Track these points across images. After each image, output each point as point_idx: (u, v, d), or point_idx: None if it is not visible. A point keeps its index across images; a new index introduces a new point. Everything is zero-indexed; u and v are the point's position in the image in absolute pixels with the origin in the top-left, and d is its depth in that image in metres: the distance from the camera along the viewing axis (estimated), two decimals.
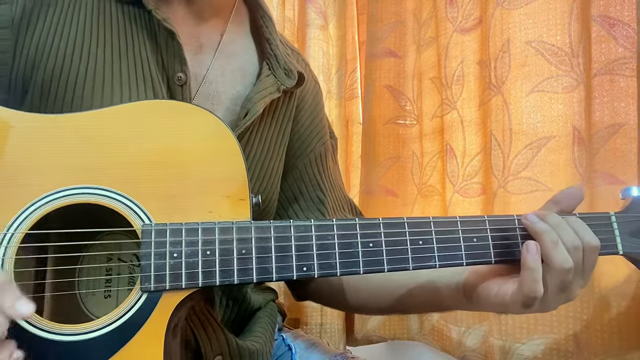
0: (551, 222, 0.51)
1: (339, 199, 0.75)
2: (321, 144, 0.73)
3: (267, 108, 0.64)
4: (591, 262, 0.51)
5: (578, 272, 0.50)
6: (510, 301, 0.50)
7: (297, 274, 0.47)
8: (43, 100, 0.54)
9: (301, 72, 0.66)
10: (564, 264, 0.48)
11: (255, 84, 0.63)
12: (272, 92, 0.63)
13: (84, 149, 0.47)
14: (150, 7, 0.56)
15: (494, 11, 0.86)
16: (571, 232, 0.50)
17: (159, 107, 0.50)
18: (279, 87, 0.63)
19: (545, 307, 0.51)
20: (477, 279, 0.55)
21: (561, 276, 0.49)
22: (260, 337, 0.64)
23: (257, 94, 0.61)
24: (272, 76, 0.64)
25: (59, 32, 0.55)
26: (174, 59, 0.57)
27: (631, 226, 0.56)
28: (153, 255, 0.45)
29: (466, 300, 0.57)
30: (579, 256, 0.50)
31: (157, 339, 0.44)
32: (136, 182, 0.47)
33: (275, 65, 0.65)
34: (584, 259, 0.50)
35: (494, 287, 0.53)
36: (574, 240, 0.50)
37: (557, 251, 0.49)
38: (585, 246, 0.50)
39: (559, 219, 0.51)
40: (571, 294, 0.51)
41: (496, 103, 0.86)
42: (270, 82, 0.63)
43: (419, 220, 0.52)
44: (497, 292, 0.52)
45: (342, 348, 1.11)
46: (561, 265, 0.48)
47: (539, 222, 0.51)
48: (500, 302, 0.52)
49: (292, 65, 0.66)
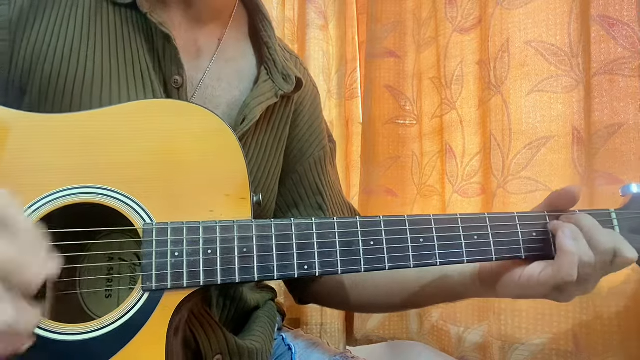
0: (584, 222, 0.52)
1: (338, 204, 0.75)
2: (320, 149, 0.73)
3: (264, 113, 0.63)
4: (620, 268, 0.53)
5: (600, 269, 0.52)
6: (540, 283, 0.51)
7: (298, 272, 0.47)
8: (41, 102, 0.54)
9: (299, 78, 0.66)
10: (585, 258, 0.50)
11: (253, 90, 0.63)
12: (270, 98, 0.63)
13: (85, 148, 0.47)
14: (145, 11, 0.56)
15: (494, 11, 0.86)
16: (606, 233, 0.52)
17: (160, 106, 0.50)
18: (276, 93, 0.63)
19: (564, 297, 0.53)
20: (494, 266, 0.56)
21: (583, 270, 0.50)
22: (259, 337, 0.64)
23: (254, 99, 0.61)
24: (270, 81, 0.64)
25: (55, 34, 0.55)
26: (170, 62, 0.57)
27: (631, 223, 0.56)
28: (154, 255, 0.45)
29: (482, 286, 0.58)
30: (609, 259, 0.51)
31: (159, 338, 0.44)
32: (137, 182, 0.47)
33: (273, 70, 0.64)
34: (614, 263, 0.52)
35: (517, 270, 0.54)
36: (609, 242, 0.51)
37: (578, 245, 0.50)
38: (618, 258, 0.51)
39: (592, 220, 0.52)
40: (590, 286, 0.52)
41: (496, 103, 0.86)
42: (267, 88, 0.63)
43: (419, 218, 0.52)
44: (522, 274, 0.53)
45: (342, 348, 1.11)
46: (583, 260, 0.50)
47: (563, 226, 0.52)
48: (525, 285, 0.52)
49: (290, 70, 0.65)
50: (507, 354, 0.82)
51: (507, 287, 0.55)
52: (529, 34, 0.83)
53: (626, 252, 0.51)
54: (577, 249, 0.50)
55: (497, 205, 0.85)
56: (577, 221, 0.52)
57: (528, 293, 0.54)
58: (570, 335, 0.78)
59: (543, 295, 0.53)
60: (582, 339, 0.76)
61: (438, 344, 0.99)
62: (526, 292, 0.54)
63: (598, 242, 0.50)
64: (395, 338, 1.09)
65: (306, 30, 1.21)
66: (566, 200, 0.55)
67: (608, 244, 0.51)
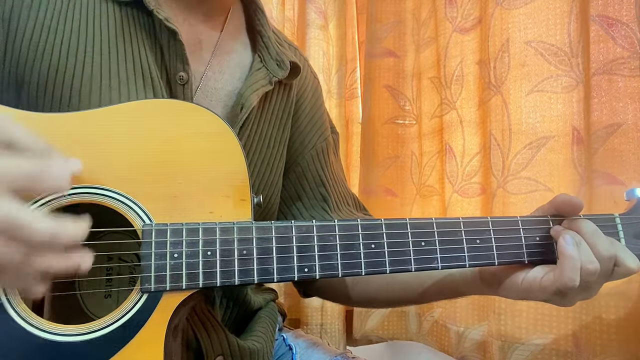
0: (585, 229, 0.52)
1: (342, 194, 0.75)
2: (322, 140, 0.73)
3: (265, 103, 0.63)
4: (622, 276, 0.53)
5: (603, 277, 0.51)
6: (541, 288, 0.51)
7: (298, 275, 0.47)
8: (39, 99, 0.53)
9: (295, 62, 0.66)
10: (588, 265, 0.49)
11: (247, 78, 0.63)
12: (264, 85, 0.62)
13: (85, 148, 0.46)
14: (152, 7, 0.56)
15: (494, 11, 0.86)
16: (607, 240, 0.52)
17: (160, 106, 0.50)
18: (270, 80, 0.63)
19: (566, 302, 0.53)
20: (496, 268, 0.56)
21: (585, 276, 0.50)
22: (261, 337, 0.64)
23: (248, 87, 0.61)
24: (263, 68, 0.64)
25: (52, 29, 0.54)
26: (175, 58, 0.57)
27: (635, 228, 0.56)
28: (153, 256, 0.45)
29: (483, 285, 0.58)
30: (609, 266, 0.51)
31: (158, 340, 0.44)
32: (137, 182, 0.46)
33: (267, 57, 0.65)
34: (614, 271, 0.52)
35: (519, 274, 0.53)
36: (609, 249, 0.51)
37: (580, 251, 0.50)
38: (621, 267, 0.51)
39: (594, 227, 0.52)
40: (592, 292, 0.52)
41: (495, 103, 0.86)
42: (261, 75, 0.63)
43: (421, 222, 0.51)
44: (525, 278, 0.53)
45: (343, 348, 1.11)
46: (585, 266, 0.49)
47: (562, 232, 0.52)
48: (527, 289, 0.52)
49: (284, 55, 0.65)
50: (507, 354, 0.82)
51: (509, 289, 0.54)
52: (528, 34, 0.83)
53: (628, 262, 0.51)
54: (579, 254, 0.50)
55: (497, 205, 0.85)
56: (579, 227, 0.52)
57: (530, 296, 0.54)
58: (570, 335, 0.78)
59: (545, 299, 0.53)
60: (582, 339, 0.76)
61: (438, 344, 0.99)
62: (528, 296, 0.54)
63: (599, 250, 0.50)
64: (394, 338, 1.09)
65: (306, 30, 1.21)
66: (570, 209, 0.54)
67: (609, 251, 0.51)
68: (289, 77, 0.65)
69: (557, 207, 0.55)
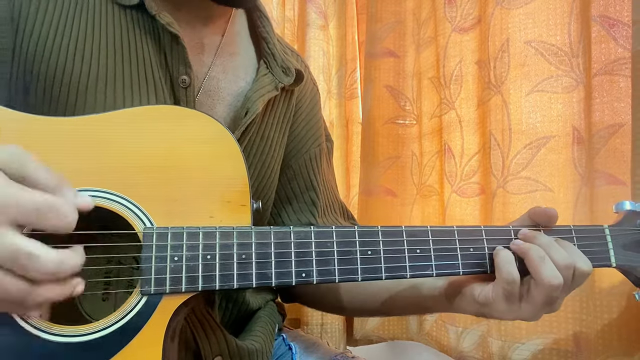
0: (540, 242, 0.52)
1: (330, 201, 0.76)
2: (317, 145, 0.74)
3: (268, 107, 0.64)
4: (579, 283, 0.52)
5: (565, 288, 0.51)
6: (494, 296, 0.52)
7: (296, 280, 0.47)
8: (45, 101, 0.54)
9: (299, 70, 0.67)
10: (553, 280, 0.49)
11: (254, 83, 0.64)
12: (270, 91, 0.64)
13: (87, 152, 0.47)
14: (154, 12, 0.56)
15: (493, 11, 0.86)
16: (562, 251, 0.51)
17: (161, 112, 0.50)
18: (276, 85, 0.64)
19: (530, 317, 0.52)
20: (459, 282, 0.56)
21: (549, 291, 0.49)
22: (260, 337, 0.65)
23: (255, 92, 0.62)
24: (269, 74, 0.65)
25: (60, 31, 0.55)
26: (178, 62, 0.58)
27: (624, 239, 0.57)
28: (154, 259, 0.45)
29: (447, 302, 0.58)
30: (569, 274, 0.51)
31: (156, 342, 0.44)
32: (138, 186, 0.47)
33: (272, 63, 0.65)
34: (574, 279, 0.52)
35: (477, 287, 0.54)
36: (566, 258, 0.51)
37: (545, 267, 0.49)
38: (576, 271, 0.51)
39: (548, 239, 0.52)
40: (555, 306, 0.52)
41: (495, 103, 0.86)
42: (267, 81, 0.64)
43: (416, 229, 0.52)
44: (481, 291, 0.53)
45: (343, 348, 1.12)
46: (549, 281, 0.49)
47: (523, 243, 0.52)
48: (484, 301, 0.53)
49: (289, 63, 0.66)
50: (507, 354, 0.82)
51: (470, 303, 0.55)
52: (528, 33, 0.83)
53: (581, 265, 0.51)
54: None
55: (496, 206, 0.85)
56: (534, 241, 0.52)
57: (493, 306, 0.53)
58: (571, 335, 0.78)
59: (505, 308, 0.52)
60: (582, 339, 0.76)
61: (437, 344, 0.99)
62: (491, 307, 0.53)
63: (557, 261, 0.50)
64: (394, 338, 1.09)
65: (306, 30, 1.21)
66: (546, 219, 0.55)
67: (566, 259, 0.50)
68: (293, 83, 0.66)
69: (533, 218, 0.55)
